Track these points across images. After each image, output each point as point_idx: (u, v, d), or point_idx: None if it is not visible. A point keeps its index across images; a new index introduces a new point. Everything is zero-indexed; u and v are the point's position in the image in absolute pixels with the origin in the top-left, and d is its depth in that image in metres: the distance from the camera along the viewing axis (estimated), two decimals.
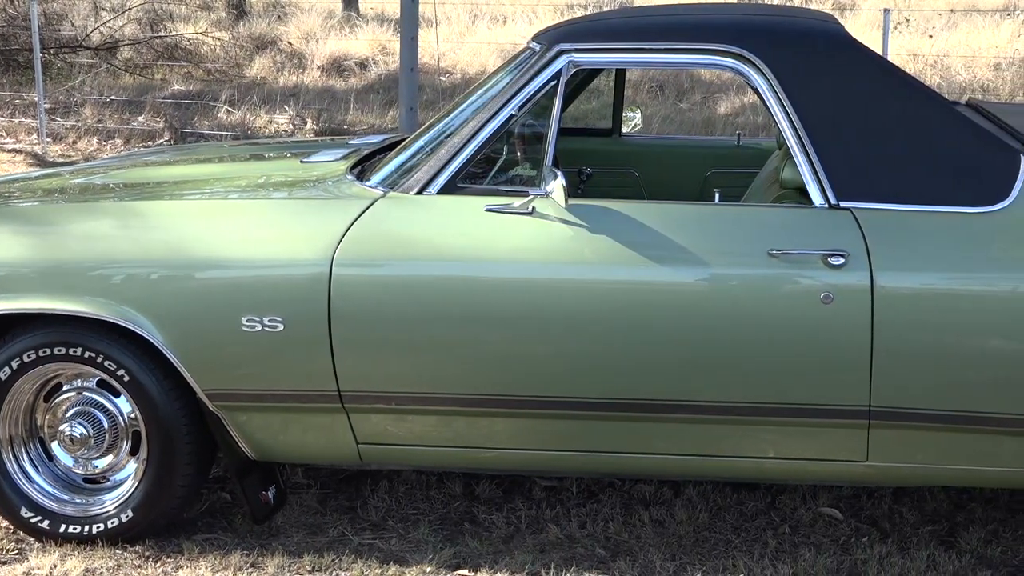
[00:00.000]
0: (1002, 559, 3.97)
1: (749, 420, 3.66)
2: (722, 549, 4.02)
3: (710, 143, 5.96)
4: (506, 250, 3.66)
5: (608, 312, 3.60)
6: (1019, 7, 15.81)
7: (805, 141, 3.64)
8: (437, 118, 4.25)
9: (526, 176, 3.97)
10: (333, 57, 13.75)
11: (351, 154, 4.47)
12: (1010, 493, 4.36)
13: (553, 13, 15.10)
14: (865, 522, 4.21)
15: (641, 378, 3.64)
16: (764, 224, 3.68)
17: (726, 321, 3.57)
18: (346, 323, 3.67)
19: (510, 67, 4.11)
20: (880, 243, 3.54)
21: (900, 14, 14.87)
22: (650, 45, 3.84)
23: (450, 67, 13.45)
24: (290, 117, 11.07)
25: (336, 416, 3.79)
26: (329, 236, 3.71)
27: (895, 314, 3.51)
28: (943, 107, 3.77)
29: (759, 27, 3.92)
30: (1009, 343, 3.52)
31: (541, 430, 3.79)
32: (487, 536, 4.10)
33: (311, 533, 4.12)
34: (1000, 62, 12.87)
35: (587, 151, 5.20)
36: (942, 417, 3.58)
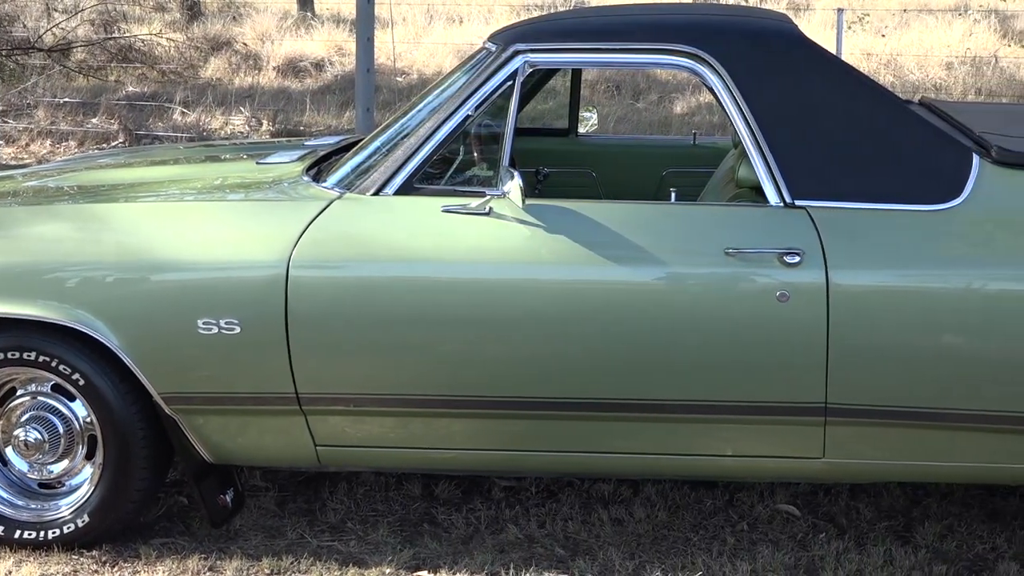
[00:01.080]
0: (957, 553, 4.00)
1: (706, 418, 3.68)
2: (681, 547, 4.04)
3: (666, 143, 5.97)
4: (463, 251, 3.66)
5: (565, 312, 3.61)
6: (970, 7, 15.94)
7: (760, 140, 3.66)
8: (393, 119, 4.25)
9: (483, 176, 3.97)
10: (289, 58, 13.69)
11: (307, 155, 4.45)
12: (965, 488, 4.40)
13: (509, 13, 15.10)
14: (822, 518, 4.23)
15: (599, 377, 3.65)
16: (720, 223, 3.69)
17: (683, 320, 3.59)
18: (303, 325, 3.66)
19: (466, 67, 4.11)
20: (835, 241, 3.56)
21: (854, 14, 14.97)
22: (606, 45, 3.85)
23: (406, 68, 13.43)
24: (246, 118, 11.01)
25: (294, 418, 3.78)
26: (285, 238, 3.69)
27: (850, 312, 3.53)
28: (897, 106, 3.80)
29: (714, 27, 3.94)
30: (962, 340, 3.55)
31: (499, 430, 3.79)
32: (446, 537, 4.10)
33: (269, 536, 4.10)
34: (952, 61, 12.98)
35: (544, 151, 5.20)
36: (897, 414, 3.61)
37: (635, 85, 12.46)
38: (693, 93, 11.86)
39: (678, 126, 10.76)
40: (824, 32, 13.46)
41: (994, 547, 4.03)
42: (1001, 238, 3.58)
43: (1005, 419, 3.57)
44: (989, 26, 14.71)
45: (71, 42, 13.68)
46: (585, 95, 11.36)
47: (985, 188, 3.61)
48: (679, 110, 11.55)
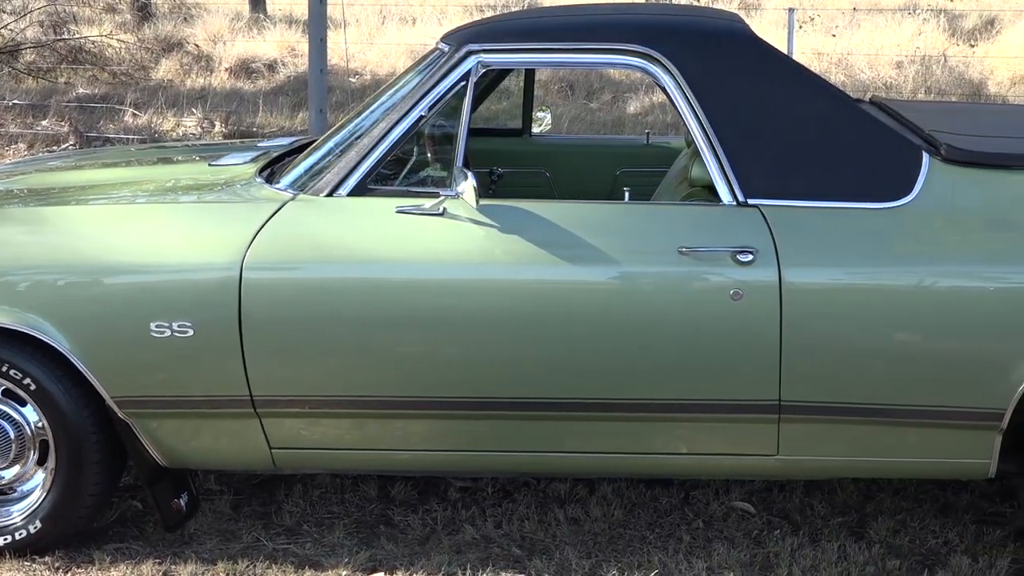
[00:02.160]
0: (910, 548, 4.04)
1: (661, 417, 3.69)
2: (637, 545, 4.05)
3: (620, 142, 5.99)
4: (417, 251, 3.66)
5: (519, 312, 3.61)
6: (919, 6, 16.09)
7: (713, 139, 3.68)
8: (347, 120, 4.24)
9: (437, 177, 3.96)
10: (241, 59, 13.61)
11: (260, 157, 4.43)
12: (917, 483, 4.44)
13: (463, 14, 15.08)
14: (777, 515, 4.26)
15: (554, 377, 3.65)
16: (674, 222, 3.71)
17: (637, 319, 3.60)
18: (257, 327, 3.64)
19: (419, 68, 4.11)
20: (787, 239, 3.59)
21: (805, 13, 15.06)
22: (558, 45, 3.85)
23: (360, 68, 13.39)
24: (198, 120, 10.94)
25: (248, 421, 3.76)
26: (238, 240, 3.68)
27: (803, 309, 3.56)
28: (848, 105, 3.83)
29: (666, 27, 3.95)
30: (914, 336, 3.58)
31: (455, 431, 3.79)
32: (403, 538, 4.09)
33: (225, 540, 4.08)
34: (902, 60, 13.09)
35: (498, 151, 5.20)
36: (850, 410, 3.63)
37: (589, 85, 12.49)
38: (647, 93, 11.90)
39: (632, 126, 10.79)
40: (775, 32, 13.54)
41: (946, 541, 4.07)
42: (951, 235, 3.61)
43: (956, 415, 3.60)
44: (938, 25, 14.85)
45: (20, 44, 13.54)
46: (539, 95, 11.37)
47: (935, 186, 3.64)
48: (633, 110, 11.58)
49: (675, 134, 7.23)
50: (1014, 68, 12.75)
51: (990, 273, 3.55)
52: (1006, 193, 3.64)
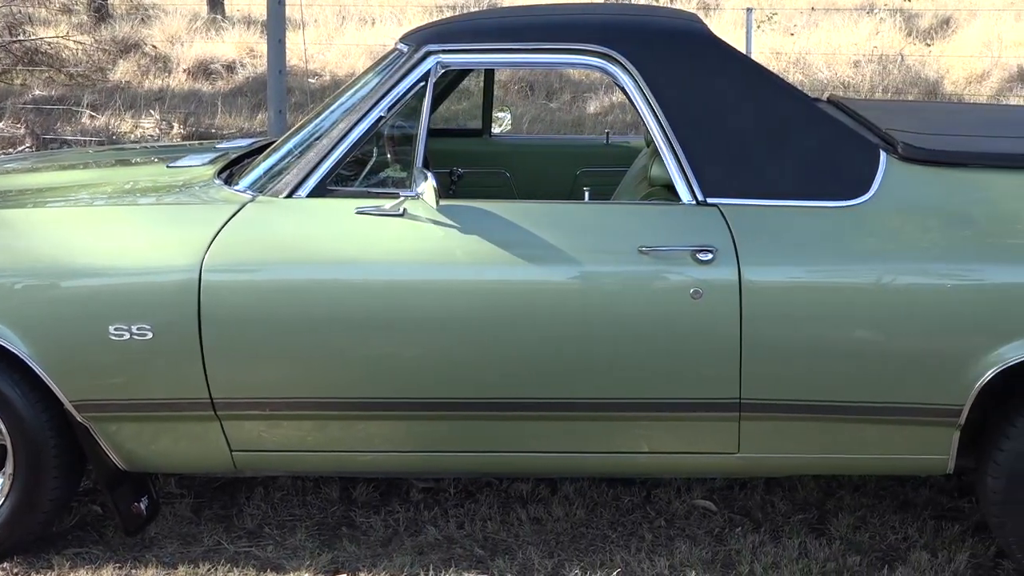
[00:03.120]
0: (870, 544, 4.07)
1: (623, 416, 3.70)
2: (599, 544, 4.06)
3: (580, 142, 6.00)
4: (377, 252, 3.65)
5: (481, 312, 3.61)
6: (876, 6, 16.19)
7: (672, 139, 3.69)
8: (306, 121, 4.22)
9: (396, 178, 3.96)
10: (199, 60, 13.54)
11: (219, 158, 4.42)
12: (877, 480, 4.47)
13: (422, 14, 15.06)
14: (738, 513, 4.28)
15: (515, 377, 3.66)
16: (633, 222, 3.72)
17: (598, 318, 3.61)
18: (217, 329, 3.63)
19: (379, 68, 4.10)
20: (747, 238, 3.60)
21: (763, 13, 15.14)
22: (518, 45, 3.86)
23: (319, 69, 13.35)
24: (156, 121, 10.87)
25: (209, 424, 3.75)
26: (197, 242, 3.66)
27: (763, 307, 3.57)
28: (806, 104, 3.85)
29: (625, 27, 3.96)
30: (872, 334, 3.60)
31: (417, 432, 3.78)
32: (365, 540, 4.08)
33: (185, 543, 4.06)
34: (860, 59, 13.17)
35: (458, 152, 5.20)
36: (810, 408, 3.65)
37: (548, 85, 12.50)
38: (606, 93, 11.92)
39: (591, 126, 10.80)
40: (734, 31, 13.60)
41: (906, 537, 4.10)
42: (908, 233, 3.63)
43: (915, 411, 3.63)
44: (895, 24, 14.95)
45: None
46: (499, 95, 11.36)
47: (892, 184, 3.66)
48: (592, 110, 11.60)
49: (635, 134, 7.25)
50: (969, 67, 12.87)
51: (947, 270, 3.58)
52: (962, 191, 3.66)
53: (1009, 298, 3.56)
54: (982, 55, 13.31)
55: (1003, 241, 3.59)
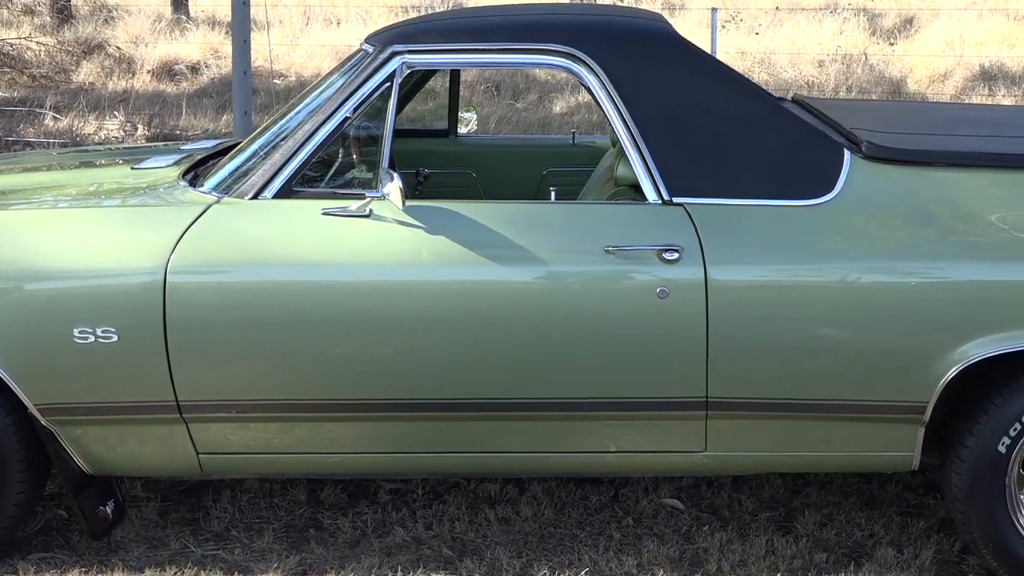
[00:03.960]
0: (837, 541, 4.09)
1: (590, 415, 3.71)
2: (567, 544, 4.07)
3: (546, 142, 6.01)
4: (344, 253, 3.64)
5: (448, 313, 3.61)
6: (840, 5, 16.27)
7: (637, 139, 3.70)
8: (271, 122, 4.21)
9: (363, 178, 3.95)
10: (164, 61, 13.46)
11: (184, 160, 4.40)
12: (843, 477, 4.49)
13: (387, 14, 15.03)
14: (706, 511, 4.29)
15: (483, 377, 3.65)
16: (600, 221, 3.72)
17: (565, 318, 3.61)
18: (183, 332, 3.61)
19: (344, 69, 4.09)
20: (712, 237, 3.62)
21: (728, 13, 15.18)
22: (483, 46, 3.86)
23: (284, 70, 13.30)
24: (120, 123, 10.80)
25: (175, 427, 3.73)
26: (162, 244, 3.64)
27: (729, 306, 3.59)
28: (770, 104, 3.87)
29: (590, 27, 3.97)
30: (838, 331, 3.62)
31: (385, 433, 3.78)
32: (333, 542, 4.07)
33: (152, 547, 4.04)
34: (824, 59, 13.23)
35: (424, 152, 5.20)
36: (777, 406, 3.67)
37: (514, 85, 12.50)
38: (572, 93, 11.93)
39: (558, 126, 10.81)
40: (699, 31, 13.64)
41: (872, 534, 4.12)
42: (873, 231, 3.66)
43: (880, 409, 3.65)
44: (859, 24, 15.03)
45: None
46: (465, 96, 11.35)
47: (856, 183, 3.68)
48: (558, 110, 11.61)
49: (601, 134, 7.26)
50: (932, 66, 12.95)
51: (911, 268, 3.60)
52: (926, 189, 3.69)
53: (972, 296, 3.58)
54: (945, 54, 13.39)
55: (966, 239, 3.61)
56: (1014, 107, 9.55)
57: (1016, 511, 3.70)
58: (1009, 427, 3.62)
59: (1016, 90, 12.02)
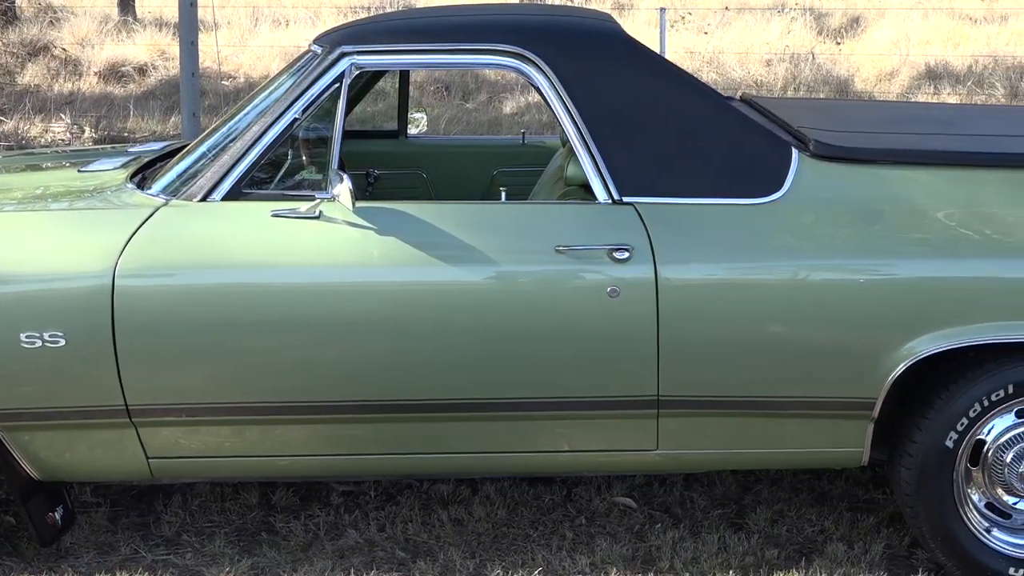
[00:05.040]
0: (788, 537, 4.11)
1: (542, 415, 3.71)
2: (521, 544, 4.07)
3: (496, 142, 6.00)
4: (294, 255, 3.63)
5: (398, 314, 3.60)
6: (787, 5, 16.38)
7: (587, 138, 3.71)
8: (220, 123, 4.19)
9: (312, 180, 3.93)
10: (110, 63, 13.34)
11: (131, 162, 4.36)
12: (793, 473, 4.53)
13: (336, 15, 14.97)
14: (658, 509, 4.31)
15: (434, 378, 3.65)
16: (550, 221, 3.73)
17: (516, 318, 3.61)
18: (131, 335, 3.58)
19: (293, 70, 4.07)
20: (662, 236, 3.63)
21: (676, 12, 15.24)
22: (432, 46, 3.85)
23: (232, 71, 13.22)
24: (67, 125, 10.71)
25: (124, 431, 3.70)
26: (110, 247, 3.61)
27: (679, 305, 3.60)
28: (719, 103, 3.89)
29: (538, 27, 3.98)
30: (788, 329, 3.64)
31: (336, 435, 3.76)
32: (285, 545, 4.06)
33: (102, 552, 4.01)
34: (772, 58, 13.31)
35: (374, 153, 5.19)
36: (727, 403, 3.69)
37: (464, 86, 12.49)
38: (522, 93, 11.94)
39: (508, 126, 10.82)
40: (648, 31, 13.68)
41: (822, 529, 4.16)
42: (821, 229, 3.68)
43: (830, 405, 3.68)
44: (806, 23, 15.13)
45: None
46: (414, 96, 11.33)
47: (804, 181, 3.71)
48: (508, 110, 11.62)
49: (551, 133, 7.27)
50: (879, 65, 13.06)
51: (859, 265, 3.63)
52: (872, 187, 3.72)
53: (919, 293, 3.61)
54: (891, 53, 13.51)
55: (912, 236, 3.64)
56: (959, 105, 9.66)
57: (963, 505, 3.74)
58: (956, 422, 3.66)
59: (961, 88, 12.15)
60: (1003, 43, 14.05)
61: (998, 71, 12.65)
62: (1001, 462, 3.73)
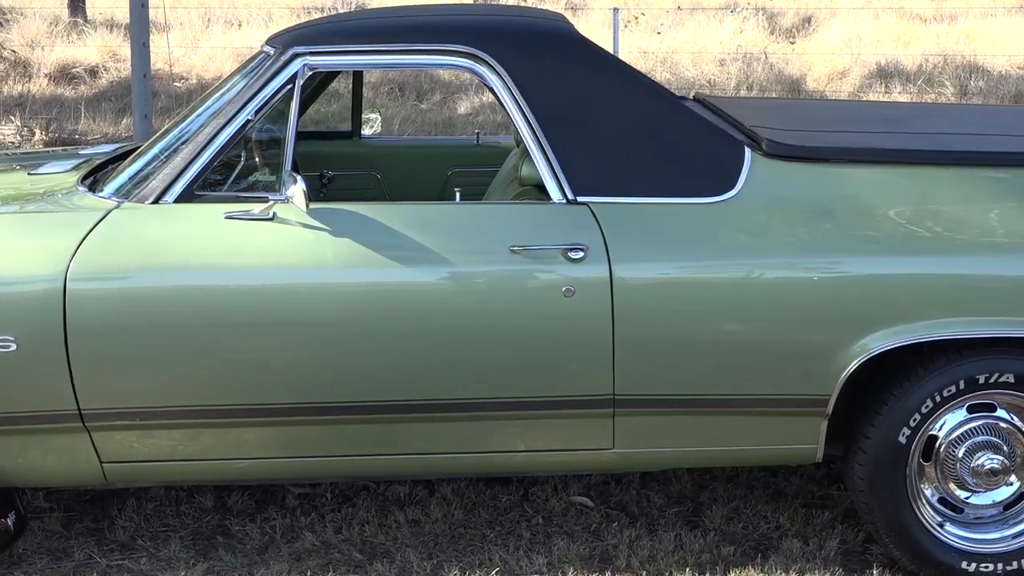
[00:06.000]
0: (743, 534, 4.13)
1: (498, 415, 3.71)
2: (478, 544, 4.07)
3: (450, 143, 6.01)
4: (247, 257, 3.61)
5: (353, 315, 3.59)
6: (739, 5, 16.47)
7: (541, 138, 3.71)
8: (172, 125, 4.16)
9: (266, 181, 3.92)
10: (61, 64, 13.24)
11: (82, 164, 4.33)
12: (749, 470, 4.55)
13: (289, 16, 14.92)
14: (615, 508, 4.32)
15: (390, 379, 3.64)
16: (505, 221, 3.73)
17: (471, 318, 3.61)
18: (84, 339, 3.55)
19: (245, 71, 4.06)
20: (617, 236, 3.64)
21: (630, 12, 15.29)
22: (385, 47, 3.85)
23: (185, 72, 13.14)
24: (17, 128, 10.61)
25: (77, 436, 3.67)
26: (61, 250, 3.58)
27: (633, 304, 3.61)
28: (672, 103, 3.90)
29: (492, 27, 3.98)
30: (741, 327, 3.66)
31: (292, 437, 3.75)
32: (241, 548, 4.04)
33: (55, 559, 3.98)
34: (725, 58, 13.38)
35: (327, 154, 5.17)
36: (683, 402, 3.70)
37: (418, 86, 12.48)
38: (476, 93, 11.94)
39: (462, 126, 10.82)
40: (601, 31, 13.72)
41: (778, 526, 4.18)
42: (774, 227, 3.70)
43: (784, 402, 3.70)
44: (758, 23, 15.22)
45: None
46: (368, 97, 11.31)
47: (757, 179, 3.73)
48: (463, 110, 11.62)
49: (505, 134, 7.27)
50: (830, 64, 13.15)
51: (812, 263, 3.65)
52: (825, 185, 3.74)
53: (870, 290, 3.64)
54: (842, 52, 13.62)
55: (864, 234, 3.67)
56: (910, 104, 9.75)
57: (917, 500, 3.78)
58: (909, 418, 3.69)
59: (911, 87, 12.26)
60: (952, 42, 14.20)
61: (947, 70, 12.78)
62: (953, 457, 3.76)
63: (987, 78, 12.50)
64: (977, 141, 4.21)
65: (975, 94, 12.07)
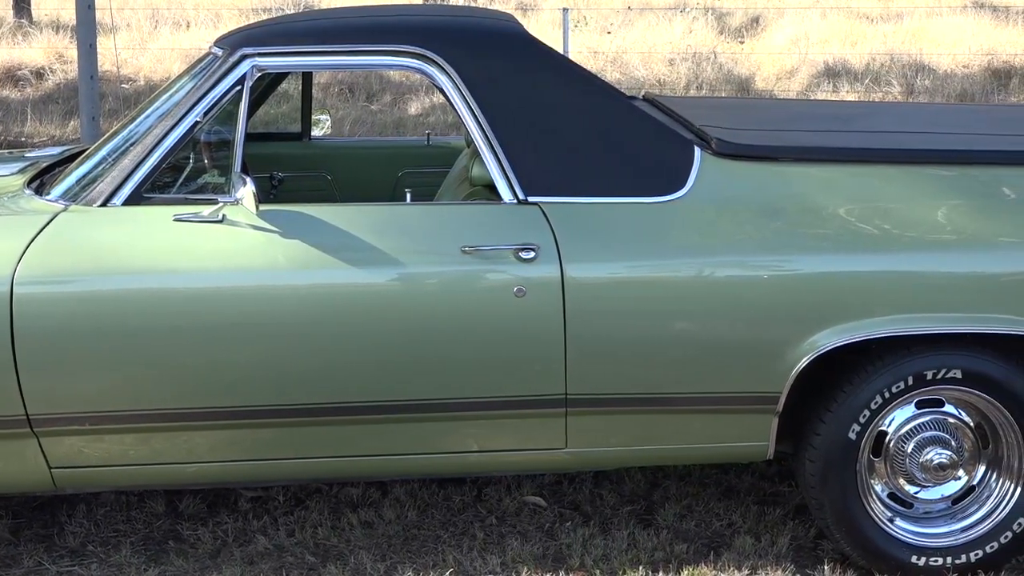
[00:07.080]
0: (696, 532, 4.15)
1: (451, 416, 3.71)
2: (431, 545, 4.06)
3: (401, 144, 6.00)
4: (196, 259, 3.59)
5: (304, 317, 3.58)
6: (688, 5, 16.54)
7: (491, 139, 3.72)
8: (120, 127, 4.13)
9: (215, 183, 3.89)
10: (6, 66, 13.11)
11: (29, 167, 4.28)
12: (701, 468, 4.57)
13: (238, 17, 14.84)
14: (568, 507, 4.33)
15: (341, 381, 3.63)
16: (456, 222, 3.73)
17: (423, 319, 3.61)
18: (31, 343, 3.52)
19: (193, 73, 4.03)
20: (568, 235, 3.64)
21: (580, 13, 15.32)
22: (334, 47, 3.83)
23: (133, 74, 13.05)
24: None
25: (25, 441, 3.63)
26: (8, 254, 3.54)
27: (585, 303, 3.62)
28: (622, 102, 3.92)
29: (441, 27, 3.97)
30: (692, 325, 3.68)
31: (243, 440, 3.73)
32: (193, 553, 4.01)
33: (4, 566, 3.93)
34: (674, 57, 13.43)
35: (277, 156, 5.15)
36: (634, 400, 3.71)
37: (369, 87, 12.45)
38: (427, 94, 11.93)
39: (412, 127, 10.80)
40: (551, 31, 13.73)
41: (730, 523, 4.20)
42: (724, 226, 3.72)
43: (735, 400, 3.71)
44: (707, 23, 15.29)
45: None
46: (318, 98, 11.27)
47: (707, 179, 3.75)
48: (413, 111, 11.60)
49: (456, 134, 7.27)
50: (779, 64, 13.24)
51: (761, 261, 3.67)
52: (773, 184, 3.77)
53: (819, 288, 3.67)
54: (791, 52, 13.70)
55: (812, 231, 3.69)
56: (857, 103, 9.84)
57: (867, 495, 3.81)
58: (858, 414, 3.71)
59: (859, 86, 12.36)
60: (899, 41, 14.32)
61: (894, 69, 12.89)
62: (902, 452, 3.80)
63: (933, 77, 12.63)
64: (924, 139, 4.25)
65: (921, 92, 12.18)
